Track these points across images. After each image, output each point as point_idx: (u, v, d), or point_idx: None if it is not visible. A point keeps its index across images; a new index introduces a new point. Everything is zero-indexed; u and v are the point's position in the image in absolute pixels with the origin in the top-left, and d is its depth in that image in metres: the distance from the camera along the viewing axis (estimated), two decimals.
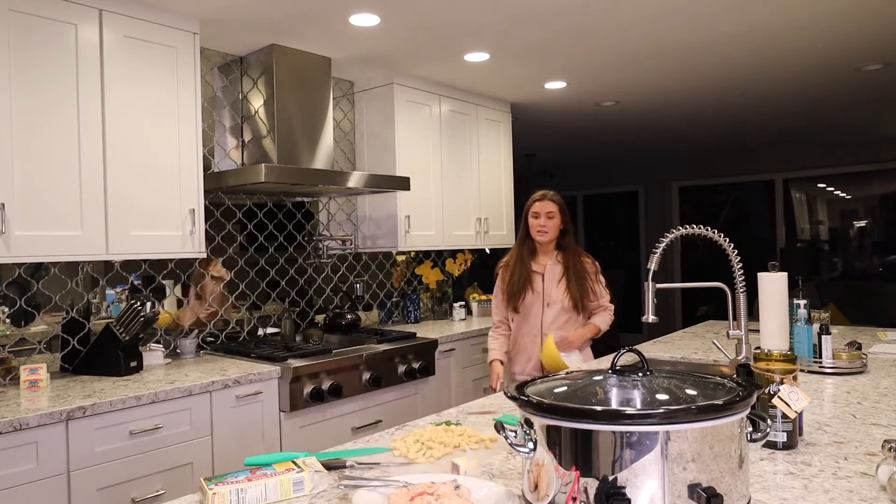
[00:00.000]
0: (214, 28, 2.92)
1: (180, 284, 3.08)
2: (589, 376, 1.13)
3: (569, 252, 2.81)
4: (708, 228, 1.86)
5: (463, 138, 4.21)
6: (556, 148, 6.82)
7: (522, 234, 2.86)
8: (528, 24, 3.04)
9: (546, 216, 2.79)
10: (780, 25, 3.17)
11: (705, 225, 1.87)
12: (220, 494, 1.17)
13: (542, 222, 2.78)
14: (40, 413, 2.01)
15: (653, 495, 0.92)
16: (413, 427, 1.70)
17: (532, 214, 2.82)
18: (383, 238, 3.79)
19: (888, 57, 3.75)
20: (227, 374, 2.55)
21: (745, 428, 1.00)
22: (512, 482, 1.27)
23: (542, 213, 2.80)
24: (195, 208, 2.75)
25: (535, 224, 2.80)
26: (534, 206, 2.83)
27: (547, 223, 2.79)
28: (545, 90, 4.31)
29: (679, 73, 3.97)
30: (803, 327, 2.24)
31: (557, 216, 2.80)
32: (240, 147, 3.28)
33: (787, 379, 1.42)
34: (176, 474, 2.35)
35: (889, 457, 1.18)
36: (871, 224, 6.92)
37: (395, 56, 3.47)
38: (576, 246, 2.85)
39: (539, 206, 2.81)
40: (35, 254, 2.30)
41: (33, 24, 2.31)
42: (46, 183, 2.32)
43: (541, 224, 2.78)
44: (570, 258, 2.80)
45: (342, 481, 1.27)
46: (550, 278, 2.79)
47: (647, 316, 1.84)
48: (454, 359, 3.63)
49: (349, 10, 2.80)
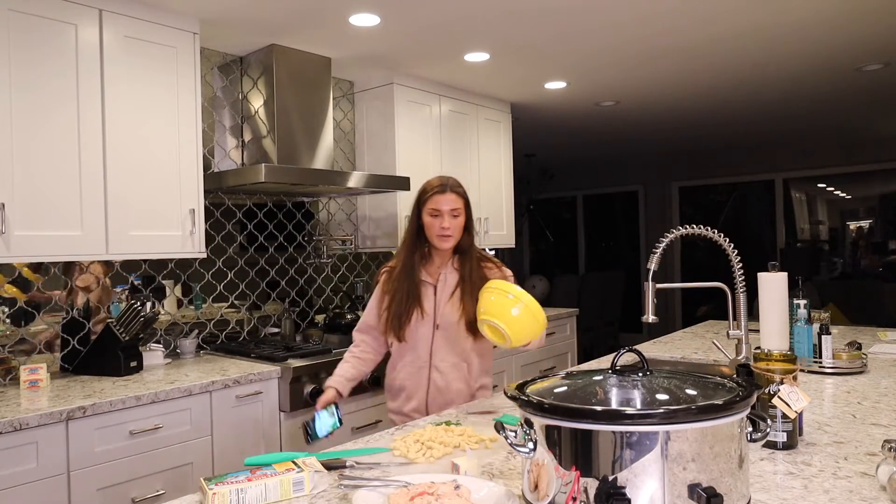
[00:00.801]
0: (214, 28, 2.92)
1: (180, 284, 3.08)
2: (589, 376, 1.13)
3: (468, 257, 2.11)
4: (708, 228, 1.86)
5: (463, 138, 4.21)
6: (556, 148, 6.83)
7: (412, 236, 2.12)
8: (529, 23, 3.04)
9: (450, 214, 2.04)
10: (780, 25, 3.17)
11: (705, 225, 1.87)
12: (220, 494, 1.17)
13: (444, 223, 2.04)
14: (40, 413, 2.01)
15: (653, 495, 0.92)
16: (413, 427, 1.70)
17: (430, 212, 2.06)
18: (383, 238, 3.79)
19: (888, 57, 3.75)
20: (227, 374, 2.55)
21: (745, 428, 1.00)
22: (512, 482, 1.27)
23: (443, 210, 2.04)
24: (195, 208, 2.75)
25: (433, 225, 2.05)
26: (432, 199, 2.06)
27: (451, 224, 2.05)
28: (545, 90, 4.31)
29: (679, 73, 3.97)
30: (803, 327, 2.24)
31: (463, 213, 2.08)
32: (240, 147, 3.28)
33: (787, 379, 1.42)
34: (176, 474, 2.35)
35: (889, 457, 1.18)
36: (870, 224, 6.93)
37: (395, 56, 3.47)
38: (478, 249, 2.18)
39: (440, 200, 2.04)
40: (35, 254, 2.30)
41: (33, 23, 2.31)
42: (46, 183, 2.32)
43: (443, 226, 2.04)
44: (469, 265, 2.10)
45: (342, 481, 1.27)
46: (444, 291, 2.10)
47: (647, 316, 1.84)
48: None
49: (349, 10, 2.80)
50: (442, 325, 2.08)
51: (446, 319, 2.08)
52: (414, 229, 2.12)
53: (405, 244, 2.15)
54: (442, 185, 2.07)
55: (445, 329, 2.08)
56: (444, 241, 2.06)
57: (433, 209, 2.05)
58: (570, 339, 4.66)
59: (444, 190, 2.06)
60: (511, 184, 4.64)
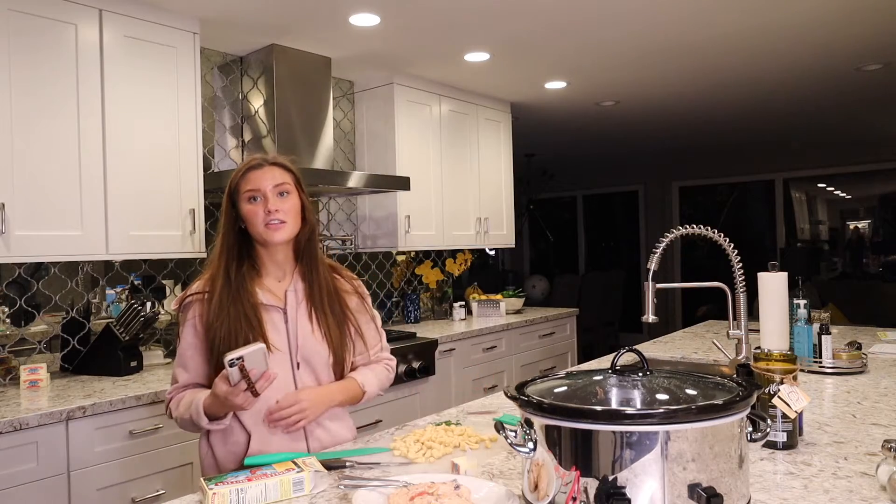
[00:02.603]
0: (214, 28, 2.92)
1: (180, 284, 3.08)
2: (589, 376, 1.13)
3: (313, 261, 1.58)
4: (708, 228, 1.86)
5: (463, 138, 4.21)
6: (556, 148, 6.83)
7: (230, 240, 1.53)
8: (529, 23, 3.04)
9: (274, 193, 1.49)
10: (780, 25, 3.17)
11: (705, 225, 1.87)
12: (220, 494, 1.17)
13: (269, 204, 1.48)
14: (40, 413, 2.01)
15: (653, 495, 0.92)
16: (413, 427, 1.70)
17: (246, 197, 1.50)
18: (383, 238, 3.79)
19: (888, 57, 3.75)
20: None
21: (745, 428, 1.00)
22: (512, 482, 1.27)
23: (265, 189, 1.49)
24: (195, 208, 2.75)
25: (255, 213, 1.49)
26: (245, 179, 1.51)
27: (279, 206, 1.49)
28: (545, 90, 4.31)
29: (679, 72, 3.97)
30: (803, 327, 2.24)
31: (295, 192, 1.53)
32: (240, 147, 3.28)
33: (787, 379, 1.42)
34: (176, 474, 2.35)
35: (889, 457, 1.18)
36: (870, 224, 6.93)
37: (395, 56, 3.47)
38: (323, 253, 1.64)
39: (257, 177, 1.50)
40: (35, 254, 2.30)
41: (33, 23, 2.31)
42: (46, 183, 2.32)
43: (268, 209, 1.48)
44: (316, 272, 1.57)
45: (342, 481, 1.27)
46: (298, 315, 1.54)
47: (647, 316, 1.84)
48: (454, 359, 3.62)
49: (349, 10, 2.80)
50: (305, 364, 1.53)
51: (311, 354, 1.53)
52: (231, 229, 1.53)
53: (219, 254, 1.52)
54: (259, 160, 1.53)
55: (311, 369, 1.54)
56: (274, 230, 1.48)
57: (250, 190, 1.49)
58: (570, 339, 4.66)
59: (259, 164, 1.52)
60: (511, 184, 4.64)
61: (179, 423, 1.52)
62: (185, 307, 1.54)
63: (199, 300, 1.52)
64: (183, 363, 1.54)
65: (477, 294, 4.39)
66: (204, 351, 1.51)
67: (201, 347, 1.52)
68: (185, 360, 1.53)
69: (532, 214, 8.46)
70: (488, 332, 3.85)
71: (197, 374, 1.53)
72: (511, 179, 4.64)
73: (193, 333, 1.52)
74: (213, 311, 1.48)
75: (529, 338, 4.21)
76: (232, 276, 1.50)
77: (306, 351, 1.54)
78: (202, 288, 1.52)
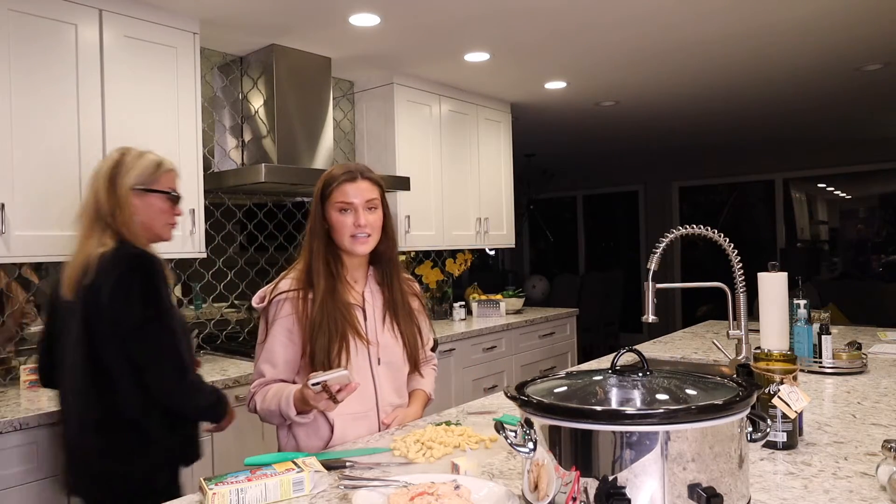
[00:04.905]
0: (214, 28, 2.92)
1: (180, 284, 3.08)
2: (589, 376, 1.13)
3: (389, 267, 1.70)
4: (708, 228, 1.86)
5: (463, 138, 4.21)
6: (556, 148, 6.83)
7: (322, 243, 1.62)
8: (529, 23, 3.04)
9: (365, 207, 1.59)
10: (780, 25, 3.17)
11: (705, 225, 1.87)
12: (220, 494, 1.17)
13: (359, 219, 1.58)
14: (40, 413, 2.01)
15: (653, 495, 0.92)
16: (413, 427, 1.70)
17: (338, 206, 1.59)
18: None
19: (888, 57, 3.75)
20: (227, 374, 2.55)
21: (745, 428, 1.00)
22: (512, 482, 1.27)
23: (356, 203, 1.59)
24: (195, 208, 2.75)
25: (344, 223, 1.59)
26: (340, 190, 1.59)
27: (367, 220, 1.59)
28: (545, 90, 4.31)
29: (679, 73, 3.97)
30: (803, 327, 2.24)
31: (380, 208, 1.64)
32: (240, 147, 3.28)
33: (787, 379, 1.42)
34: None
35: (889, 457, 1.18)
36: (870, 224, 6.93)
37: (395, 56, 3.47)
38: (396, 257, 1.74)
39: (351, 189, 1.59)
40: (35, 254, 2.30)
41: (33, 23, 2.31)
42: (46, 183, 2.32)
43: (358, 223, 1.58)
44: (391, 278, 1.70)
45: (342, 481, 1.27)
46: (375, 315, 1.67)
47: (647, 316, 1.84)
48: (454, 359, 3.63)
49: (349, 10, 2.80)
50: (384, 360, 1.66)
51: (389, 352, 1.67)
52: (319, 233, 1.62)
53: (314, 255, 1.60)
54: (351, 172, 1.60)
55: (389, 364, 1.67)
56: (361, 244, 1.59)
57: (342, 203, 1.58)
58: (570, 339, 4.66)
59: (353, 177, 1.59)
60: (511, 184, 4.64)
61: (263, 415, 1.60)
62: (274, 304, 1.61)
63: (293, 298, 1.59)
64: (270, 359, 1.60)
65: (477, 294, 4.39)
66: (296, 347, 1.59)
67: (293, 344, 1.59)
68: (273, 356, 1.60)
69: (532, 214, 8.47)
70: (488, 332, 3.85)
71: (284, 370, 1.61)
72: (511, 179, 4.64)
73: (285, 330, 1.60)
74: (315, 310, 1.56)
75: (529, 338, 4.21)
76: (326, 276, 1.60)
77: (385, 349, 1.66)
78: (292, 286, 1.61)
